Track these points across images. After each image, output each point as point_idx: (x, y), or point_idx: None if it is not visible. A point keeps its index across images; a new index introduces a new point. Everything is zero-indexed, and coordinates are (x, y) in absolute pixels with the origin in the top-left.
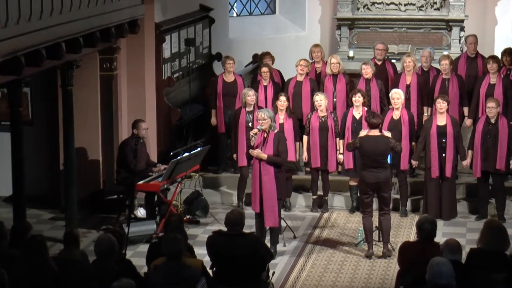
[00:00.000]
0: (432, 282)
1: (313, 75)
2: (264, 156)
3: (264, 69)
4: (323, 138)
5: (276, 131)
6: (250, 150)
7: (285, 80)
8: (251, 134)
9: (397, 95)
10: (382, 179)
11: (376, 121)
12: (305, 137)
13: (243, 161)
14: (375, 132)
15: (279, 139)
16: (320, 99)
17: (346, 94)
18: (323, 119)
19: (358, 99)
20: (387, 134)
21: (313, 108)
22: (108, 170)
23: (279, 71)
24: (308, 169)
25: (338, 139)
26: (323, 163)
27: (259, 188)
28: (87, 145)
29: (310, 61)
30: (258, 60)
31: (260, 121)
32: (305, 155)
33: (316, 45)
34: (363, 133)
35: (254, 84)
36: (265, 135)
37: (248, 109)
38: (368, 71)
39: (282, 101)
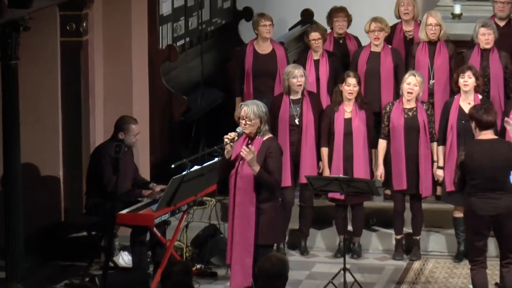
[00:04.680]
0: None
1: (400, 43)
2: (256, 166)
3: (314, 34)
4: (411, 144)
5: (266, 137)
6: (243, 148)
7: None
8: (226, 139)
9: None
10: (503, 210)
11: (490, 118)
12: (382, 142)
13: (285, 178)
14: (489, 135)
15: (269, 149)
16: (414, 83)
17: (450, 73)
18: (410, 113)
19: (467, 80)
20: None
21: (397, 96)
22: (72, 192)
23: (356, 38)
24: (388, 192)
25: (435, 144)
26: (412, 183)
27: (231, 229)
28: (40, 153)
29: (397, 20)
30: (327, 20)
31: (243, 121)
32: (380, 170)
33: None
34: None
35: (301, 57)
36: (249, 141)
37: (294, 96)
38: (489, 38)
39: (352, 85)
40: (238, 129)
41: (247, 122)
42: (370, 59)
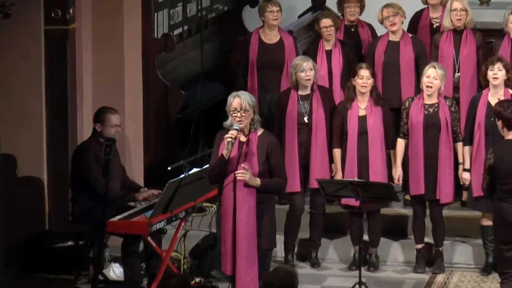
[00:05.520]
0: None
1: (426, 31)
2: (257, 181)
3: (325, 21)
4: (431, 143)
5: (260, 131)
6: (236, 172)
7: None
8: (228, 138)
9: None
10: None
11: None
12: (400, 141)
13: (294, 183)
14: None
15: (269, 146)
16: (434, 76)
17: (477, 65)
18: (431, 109)
19: (497, 73)
20: None
21: (419, 90)
22: (58, 197)
23: (369, 26)
24: (408, 197)
25: (459, 144)
26: (431, 187)
27: (231, 233)
28: (22, 154)
29: (424, 5)
30: (337, 6)
31: (236, 114)
32: (398, 172)
33: None
34: None
35: (312, 48)
36: (241, 138)
37: (302, 92)
38: None
39: (365, 78)
40: (236, 126)
41: (242, 115)
42: (388, 50)
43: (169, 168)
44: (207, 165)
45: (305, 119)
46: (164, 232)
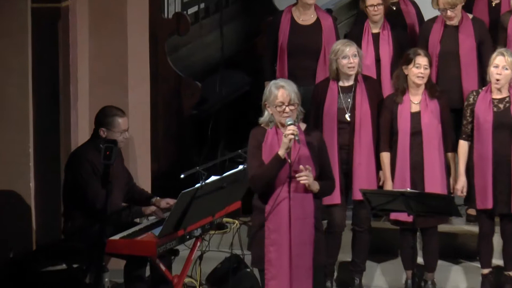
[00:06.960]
0: None
1: (484, 11)
2: (316, 184)
3: None
4: (502, 147)
5: (304, 125)
6: (298, 175)
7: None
8: (290, 135)
9: None
10: None
11: None
12: (463, 144)
13: (333, 194)
14: None
15: (319, 142)
16: (504, 65)
17: None
18: (501, 105)
19: None
20: None
21: (483, 82)
22: (47, 211)
23: (414, 4)
24: (472, 212)
25: None
26: (502, 200)
27: (288, 249)
28: (4, 158)
29: None
30: None
31: (283, 108)
32: (461, 182)
33: None
34: None
35: (355, 30)
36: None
37: (344, 83)
38: None
39: (422, 67)
40: (290, 121)
41: (291, 109)
42: (445, 36)
43: (182, 176)
44: (228, 172)
45: (347, 116)
46: (175, 253)
